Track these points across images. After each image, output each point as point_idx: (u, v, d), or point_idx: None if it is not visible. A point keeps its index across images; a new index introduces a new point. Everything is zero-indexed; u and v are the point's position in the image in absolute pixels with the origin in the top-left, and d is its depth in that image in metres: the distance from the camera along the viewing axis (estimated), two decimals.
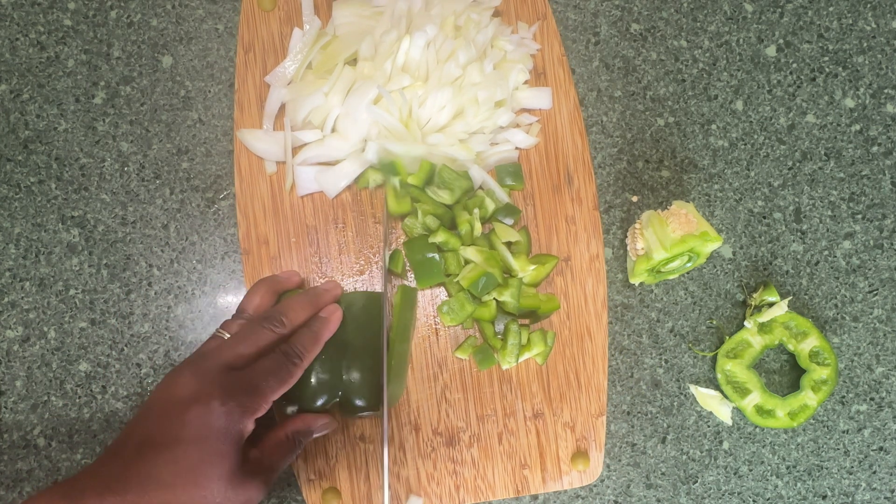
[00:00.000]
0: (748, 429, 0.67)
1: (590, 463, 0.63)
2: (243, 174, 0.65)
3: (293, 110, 0.64)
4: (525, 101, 0.66)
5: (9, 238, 0.65)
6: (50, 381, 0.64)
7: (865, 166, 0.69)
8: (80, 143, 0.66)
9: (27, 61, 0.67)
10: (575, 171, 0.66)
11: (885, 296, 0.68)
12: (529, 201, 0.66)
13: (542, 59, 0.67)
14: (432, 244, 0.62)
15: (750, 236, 0.68)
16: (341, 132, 0.63)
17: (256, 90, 0.65)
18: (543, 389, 0.64)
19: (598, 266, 0.65)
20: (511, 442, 0.64)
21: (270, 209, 0.64)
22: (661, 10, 0.70)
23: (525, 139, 0.65)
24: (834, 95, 0.70)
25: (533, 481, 0.63)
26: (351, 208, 0.65)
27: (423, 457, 0.63)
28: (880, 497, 0.67)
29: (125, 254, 0.65)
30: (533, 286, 0.64)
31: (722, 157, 0.69)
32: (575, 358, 0.64)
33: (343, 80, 0.63)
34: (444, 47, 0.63)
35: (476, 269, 0.61)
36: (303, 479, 0.62)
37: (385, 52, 0.62)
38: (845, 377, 0.67)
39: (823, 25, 0.71)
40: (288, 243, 0.64)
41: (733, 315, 0.67)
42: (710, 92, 0.69)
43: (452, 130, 0.63)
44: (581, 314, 0.65)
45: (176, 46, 0.68)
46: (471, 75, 0.63)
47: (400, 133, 0.62)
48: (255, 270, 0.64)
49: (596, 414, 0.64)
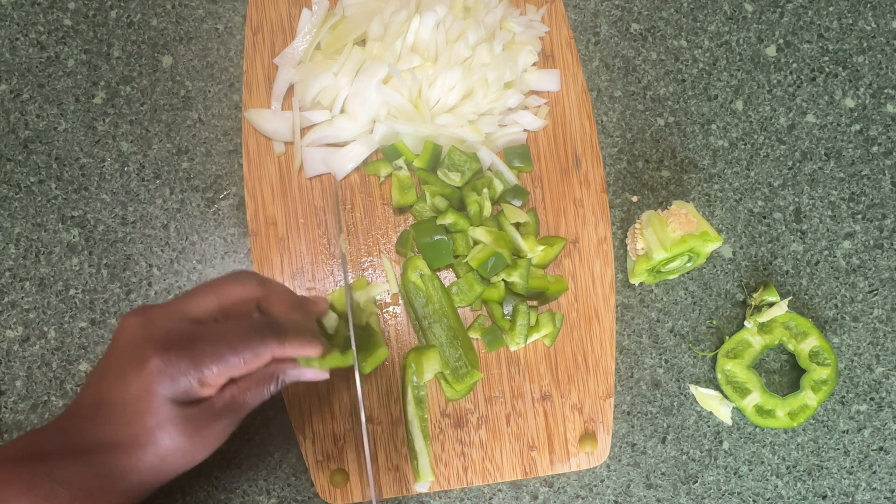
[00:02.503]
0: (748, 429, 0.67)
1: (597, 445, 0.64)
2: (251, 155, 0.65)
3: (302, 91, 0.64)
4: (533, 83, 0.66)
5: (9, 238, 0.65)
6: (50, 381, 0.64)
7: (865, 166, 0.69)
8: (80, 143, 0.66)
9: (27, 61, 0.67)
10: (583, 154, 0.66)
11: (885, 296, 0.68)
12: (538, 184, 0.66)
13: (550, 41, 0.67)
14: (441, 226, 0.62)
15: (750, 236, 0.68)
16: (350, 113, 0.64)
17: (265, 72, 0.66)
18: (551, 371, 0.64)
19: (605, 248, 0.65)
20: (519, 424, 0.64)
21: (279, 190, 0.64)
22: (661, 10, 0.70)
23: (533, 121, 0.66)
24: (834, 95, 0.70)
25: (541, 463, 0.63)
26: (359, 190, 0.65)
27: (432, 438, 0.63)
28: (880, 497, 0.67)
29: (125, 254, 0.65)
30: (541, 268, 0.64)
31: (722, 157, 0.69)
32: (583, 340, 0.64)
33: (352, 61, 0.63)
34: (454, 27, 0.63)
35: (485, 250, 0.61)
36: (311, 460, 0.62)
37: (394, 32, 0.63)
38: (845, 377, 0.67)
39: (823, 25, 0.71)
40: (296, 224, 0.64)
41: (733, 315, 0.67)
42: (710, 92, 0.69)
43: (461, 111, 0.64)
44: (589, 296, 0.65)
45: (176, 46, 0.68)
46: (480, 56, 0.63)
47: (409, 113, 0.63)
48: (264, 252, 0.64)
49: (604, 396, 0.64)
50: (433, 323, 0.62)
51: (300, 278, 0.64)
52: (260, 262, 0.64)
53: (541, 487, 0.65)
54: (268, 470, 0.64)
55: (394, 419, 0.63)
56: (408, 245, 0.63)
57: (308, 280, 0.64)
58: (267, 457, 0.64)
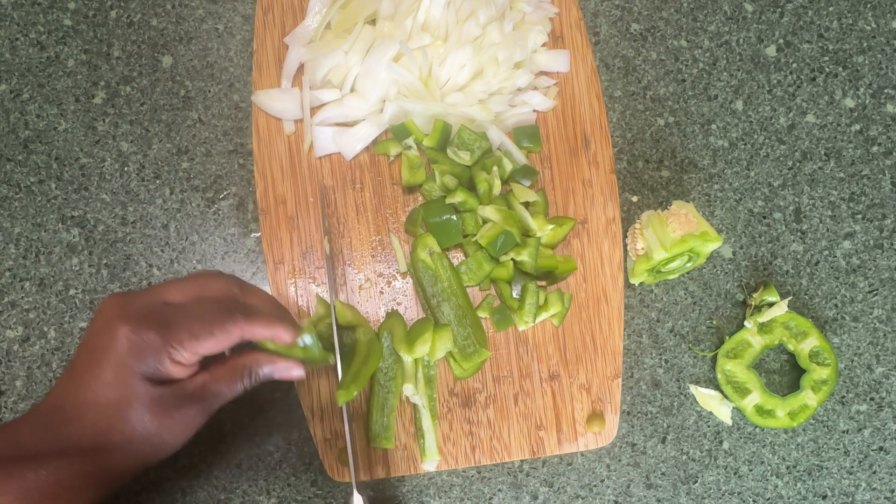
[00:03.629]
0: (748, 429, 0.67)
1: (605, 425, 0.64)
2: (261, 134, 0.65)
3: (312, 69, 0.64)
4: (543, 63, 0.66)
5: (9, 238, 0.65)
6: (50, 381, 0.64)
7: (865, 166, 0.69)
8: (80, 143, 0.66)
9: (27, 61, 0.67)
10: (592, 135, 0.66)
11: (885, 296, 0.68)
12: (546, 164, 0.66)
13: (559, 22, 0.67)
14: (450, 206, 0.62)
15: (750, 236, 0.68)
16: (360, 91, 0.64)
17: (275, 51, 0.66)
18: (560, 351, 0.64)
19: (614, 229, 0.65)
20: (527, 403, 0.64)
21: (288, 169, 0.65)
22: (661, 10, 0.70)
23: (543, 101, 0.66)
24: (834, 95, 0.70)
25: (548, 442, 0.64)
26: (369, 169, 0.65)
27: (440, 417, 0.63)
28: (880, 497, 0.67)
29: (125, 254, 0.65)
30: (550, 248, 0.64)
31: (722, 157, 0.69)
32: (591, 320, 0.65)
33: (363, 39, 0.63)
34: (465, 6, 0.63)
35: (495, 228, 0.61)
36: (319, 438, 0.62)
37: (405, 10, 0.63)
38: (845, 377, 0.67)
39: (823, 25, 0.71)
40: (306, 203, 0.64)
41: (733, 315, 0.67)
42: (710, 92, 0.69)
43: (472, 90, 0.64)
44: (597, 276, 0.65)
45: (176, 46, 0.68)
46: (491, 35, 0.63)
47: (419, 92, 0.63)
48: (273, 231, 0.64)
49: (612, 376, 0.64)
50: (442, 301, 0.62)
51: (310, 257, 0.64)
52: (270, 241, 0.64)
53: (541, 487, 0.65)
54: (268, 470, 0.64)
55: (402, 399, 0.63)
56: (417, 224, 0.64)
57: (318, 258, 0.64)
58: (267, 457, 0.64)
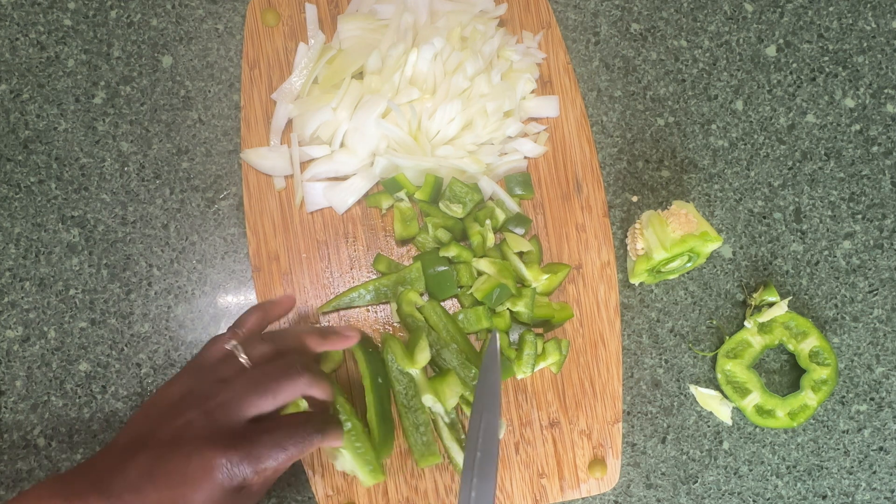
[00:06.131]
0: (748, 429, 0.67)
1: (607, 470, 0.63)
2: (251, 190, 0.65)
3: (301, 126, 0.64)
4: (532, 110, 0.66)
5: (9, 238, 0.65)
6: (50, 381, 0.64)
7: (865, 166, 0.69)
8: (80, 143, 0.66)
9: (27, 61, 0.67)
10: (584, 179, 0.66)
11: (885, 296, 0.68)
12: (539, 210, 0.66)
13: (547, 67, 0.67)
14: (444, 257, 0.62)
15: (750, 236, 0.68)
16: (350, 147, 0.63)
17: (263, 106, 0.65)
18: (559, 398, 0.64)
19: (609, 273, 0.65)
20: (528, 451, 0.63)
21: (280, 225, 0.64)
22: (661, 10, 0.70)
23: (533, 148, 0.65)
24: (834, 95, 0.70)
25: (551, 490, 0.63)
26: (361, 222, 0.65)
27: (441, 469, 0.63)
28: (880, 497, 0.67)
29: (125, 254, 0.65)
30: (546, 295, 0.64)
31: (722, 157, 0.69)
32: (589, 365, 0.64)
33: (351, 95, 0.63)
34: (452, 59, 0.63)
35: (489, 281, 0.61)
36: (321, 495, 0.62)
37: (392, 65, 0.62)
38: (845, 377, 0.67)
39: (823, 25, 0.71)
40: (299, 259, 0.64)
41: (733, 315, 0.67)
42: (710, 92, 0.69)
43: (461, 142, 0.64)
44: (594, 322, 0.65)
45: (176, 46, 0.68)
46: (479, 86, 0.63)
47: (409, 146, 0.62)
48: (267, 287, 0.64)
49: (612, 421, 0.64)
50: (441, 349, 0.61)
51: (304, 312, 0.64)
52: (263, 299, 0.64)
53: None
54: None
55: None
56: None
57: (312, 316, 0.64)
58: None
